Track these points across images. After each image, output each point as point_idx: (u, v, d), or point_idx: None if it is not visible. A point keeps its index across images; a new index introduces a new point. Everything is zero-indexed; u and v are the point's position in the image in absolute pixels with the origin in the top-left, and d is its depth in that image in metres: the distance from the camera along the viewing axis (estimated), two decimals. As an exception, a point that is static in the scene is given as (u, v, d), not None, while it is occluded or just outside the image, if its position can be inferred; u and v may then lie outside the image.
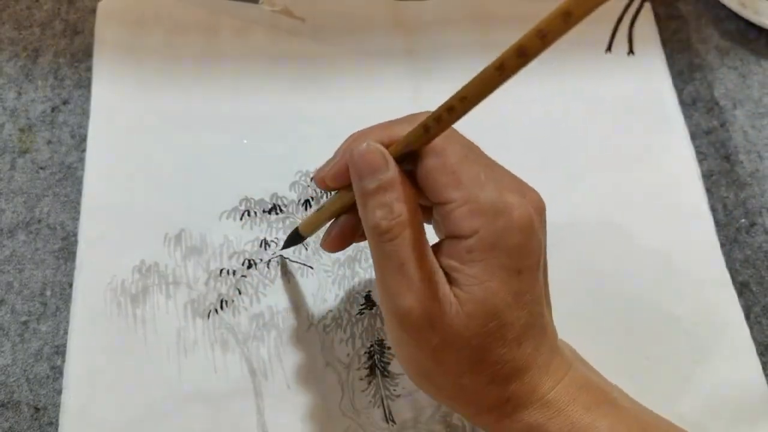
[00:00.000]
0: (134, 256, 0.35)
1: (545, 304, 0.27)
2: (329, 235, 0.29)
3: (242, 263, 0.36)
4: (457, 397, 0.26)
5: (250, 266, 0.36)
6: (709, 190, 0.40)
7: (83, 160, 0.38)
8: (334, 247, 0.29)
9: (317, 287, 0.36)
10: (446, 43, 0.43)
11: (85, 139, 0.38)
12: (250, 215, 0.37)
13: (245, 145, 0.39)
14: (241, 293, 0.35)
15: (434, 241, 0.26)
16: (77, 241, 0.36)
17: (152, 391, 0.33)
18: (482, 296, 0.24)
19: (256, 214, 0.37)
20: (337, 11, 0.43)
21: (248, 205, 0.37)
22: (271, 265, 0.36)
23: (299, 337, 0.34)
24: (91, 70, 0.40)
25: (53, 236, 0.37)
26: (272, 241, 0.36)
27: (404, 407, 0.33)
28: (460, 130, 0.26)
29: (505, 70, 0.19)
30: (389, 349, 0.34)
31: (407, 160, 0.25)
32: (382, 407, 0.33)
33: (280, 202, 0.37)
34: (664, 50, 0.43)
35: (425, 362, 0.25)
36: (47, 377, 0.34)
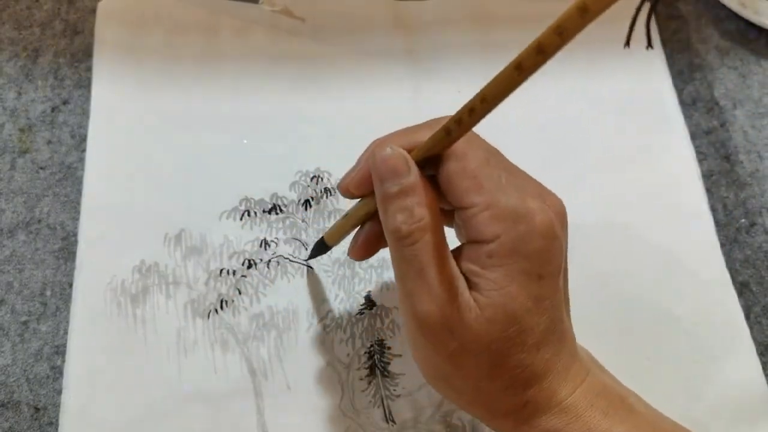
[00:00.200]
0: (134, 256, 0.35)
1: (565, 309, 0.27)
2: (356, 243, 0.29)
3: (242, 263, 0.36)
4: (474, 401, 0.26)
5: (250, 266, 0.36)
6: (709, 190, 0.40)
7: (83, 160, 0.38)
8: (361, 255, 0.30)
9: (317, 287, 0.36)
10: (446, 43, 0.43)
11: (85, 139, 0.38)
12: (250, 215, 0.37)
13: (245, 145, 0.39)
14: (241, 293, 0.35)
15: (454, 245, 0.26)
16: (77, 241, 0.36)
17: (152, 391, 0.33)
18: (502, 301, 0.24)
19: (256, 214, 0.37)
20: (337, 11, 0.43)
21: (248, 205, 0.37)
22: (271, 265, 0.36)
23: (299, 337, 0.34)
24: (91, 70, 0.40)
25: (53, 236, 0.37)
26: (272, 241, 0.36)
27: (404, 407, 0.33)
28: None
29: (523, 69, 0.19)
30: (389, 349, 0.34)
31: (429, 164, 0.25)
32: (382, 407, 0.33)
33: (280, 202, 0.37)
34: (664, 50, 0.43)
35: (443, 366, 0.25)
36: (47, 377, 0.34)
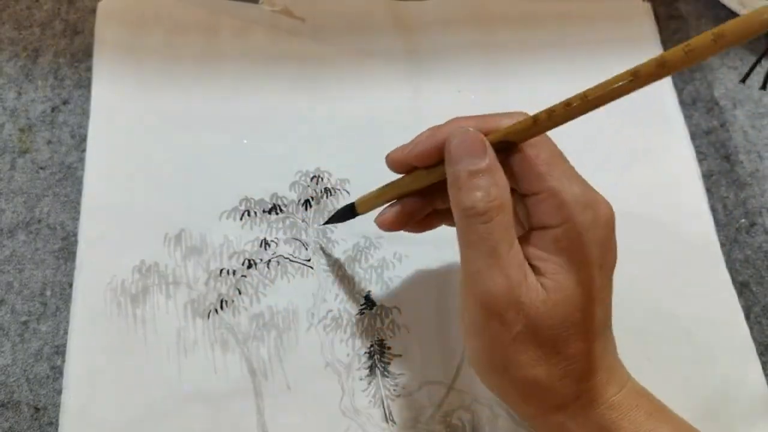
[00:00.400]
0: (134, 256, 0.35)
1: (611, 307, 0.27)
2: (389, 211, 0.30)
3: (242, 263, 0.36)
4: (527, 392, 0.26)
5: (250, 266, 0.36)
6: (709, 190, 0.40)
7: (83, 160, 0.38)
8: (391, 224, 0.30)
9: (317, 287, 0.36)
10: (446, 43, 0.43)
11: (85, 139, 0.38)
12: (250, 215, 0.37)
13: (245, 145, 0.39)
14: (241, 293, 0.35)
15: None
16: (77, 241, 0.36)
17: (152, 391, 0.33)
18: (568, 285, 0.24)
19: (256, 214, 0.37)
20: (337, 11, 0.43)
21: (248, 205, 0.37)
22: (271, 265, 0.36)
23: (299, 337, 0.34)
24: (91, 70, 0.40)
25: (53, 236, 0.37)
26: (272, 241, 0.36)
27: (404, 407, 0.33)
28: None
29: (637, 78, 0.20)
30: (389, 349, 0.34)
31: (502, 150, 0.26)
32: (382, 407, 0.33)
33: (280, 202, 0.37)
34: (664, 50, 0.43)
35: (504, 353, 0.25)
36: (47, 377, 0.34)
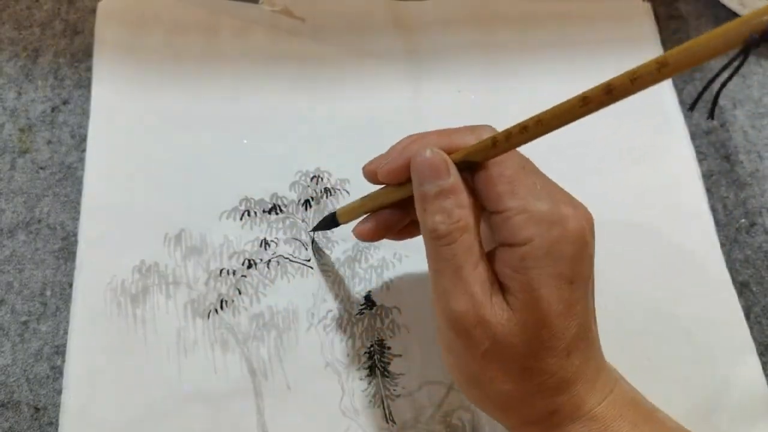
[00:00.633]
0: (134, 256, 0.35)
1: (592, 318, 0.27)
2: (366, 223, 0.30)
3: (242, 263, 0.36)
4: (503, 406, 0.26)
5: (250, 266, 0.36)
6: (709, 190, 0.40)
7: (83, 160, 0.38)
8: (368, 236, 0.30)
9: (317, 287, 0.36)
10: (446, 43, 0.43)
11: (85, 139, 0.38)
12: (250, 215, 0.37)
13: (245, 145, 0.39)
14: (241, 293, 0.35)
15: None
16: (77, 241, 0.36)
17: (152, 391, 0.33)
18: (534, 304, 0.24)
19: (256, 214, 0.37)
20: (337, 11, 0.43)
21: (248, 205, 0.37)
22: (271, 265, 0.36)
23: (299, 337, 0.34)
24: (91, 70, 0.40)
25: (53, 236, 0.37)
26: (272, 241, 0.36)
27: (404, 407, 0.33)
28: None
29: (588, 103, 0.20)
30: (389, 349, 0.34)
31: (466, 168, 0.26)
32: (382, 407, 0.33)
33: (280, 202, 0.37)
34: (664, 50, 0.43)
35: (473, 367, 0.25)
36: (47, 377, 0.34)
